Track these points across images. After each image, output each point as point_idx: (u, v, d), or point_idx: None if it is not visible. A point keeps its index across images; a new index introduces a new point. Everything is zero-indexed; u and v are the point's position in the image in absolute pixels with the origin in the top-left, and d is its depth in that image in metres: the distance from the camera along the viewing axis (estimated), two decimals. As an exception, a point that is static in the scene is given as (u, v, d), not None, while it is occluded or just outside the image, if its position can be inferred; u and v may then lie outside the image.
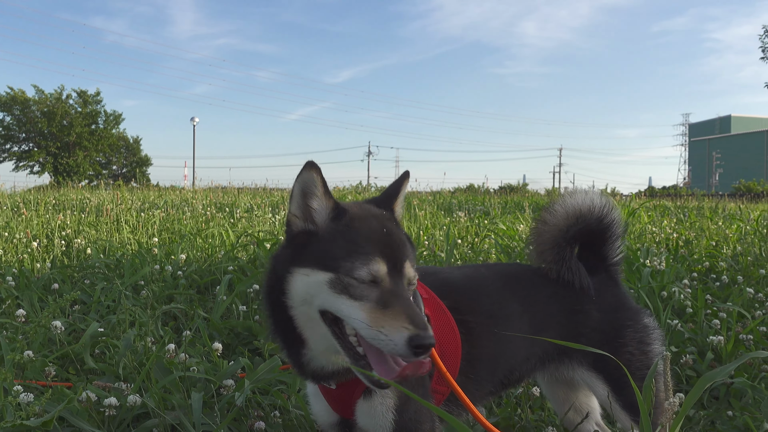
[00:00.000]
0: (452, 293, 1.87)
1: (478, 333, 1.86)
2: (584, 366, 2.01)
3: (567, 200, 2.10)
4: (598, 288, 2.07)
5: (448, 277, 2.00)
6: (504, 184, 52.09)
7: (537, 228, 2.14)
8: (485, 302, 1.94)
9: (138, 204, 11.80)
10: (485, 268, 2.20)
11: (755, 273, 5.35)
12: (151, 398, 2.30)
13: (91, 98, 53.19)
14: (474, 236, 8.03)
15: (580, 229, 2.08)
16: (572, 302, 2.04)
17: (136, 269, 4.74)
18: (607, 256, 2.14)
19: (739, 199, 27.38)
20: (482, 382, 1.90)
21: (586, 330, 2.01)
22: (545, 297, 2.04)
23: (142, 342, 2.84)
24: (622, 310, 2.07)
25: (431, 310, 1.79)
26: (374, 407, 1.67)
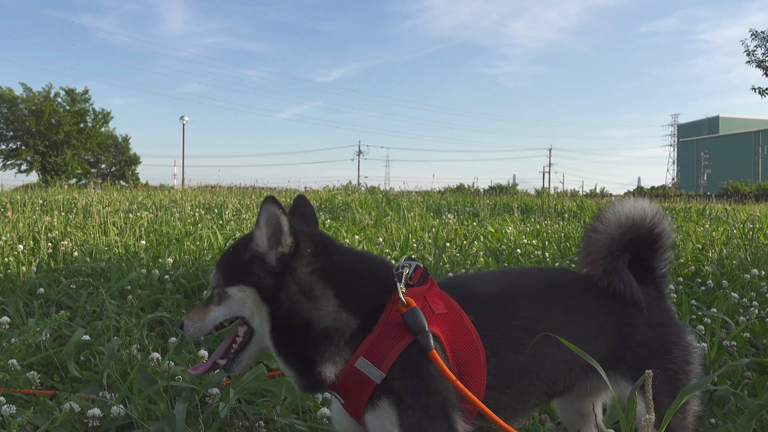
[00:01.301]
0: (480, 307, 1.83)
1: (510, 346, 1.81)
2: (626, 380, 1.93)
3: (618, 208, 2.05)
4: (646, 301, 2.01)
5: (480, 290, 1.93)
6: (494, 184, 52.20)
7: (588, 236, 2.09)
8: (521, 314, 1.87)
9: (126, 204, 11.74)
10: (529, 275, 2.17)
11: (740, 277, 5.38)
12: (135, 409, 2.29)
13: (79, 96, 52.88)
14: (463, 239, 8.05)
15: (632, 238, 2.02)
16: (620, 314, 1.96)
17: (122, 274, 4.71)
18: (656, 267, 2.08)
19: (726, 200, 27.59)
20: (522, 394, 1.86)
21: (633, 344, 1.95)
22: (592, 307, 1.98)
23: (127, 350, 2.83)
24: (669, 326, 2.01)
25: (447, 325, 1.75)
26: (380, 420, 1.68)
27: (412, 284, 1.79)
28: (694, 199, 24.22)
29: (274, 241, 1.72)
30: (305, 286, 1.72)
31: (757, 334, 3.81)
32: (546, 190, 43.54)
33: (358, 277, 1.79)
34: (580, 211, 12.83)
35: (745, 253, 6.54)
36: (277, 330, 1.73)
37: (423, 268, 1.84)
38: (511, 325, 1.84)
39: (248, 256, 1.75)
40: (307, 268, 1.73)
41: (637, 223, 2.03)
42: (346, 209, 12.42)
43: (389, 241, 7.68)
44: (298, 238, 1.73)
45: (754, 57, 30.66)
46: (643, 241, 2.04)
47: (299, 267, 1.72)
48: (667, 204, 18.02)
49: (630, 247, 2.02)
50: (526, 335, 1.82)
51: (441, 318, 1.75)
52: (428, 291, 1.80)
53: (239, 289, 1.76)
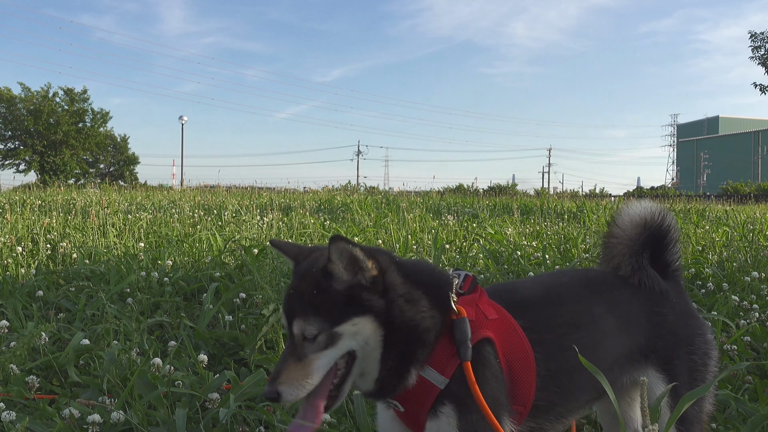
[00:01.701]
0: (528, 310, 1.91)
1: (558, 346, 1.88)
2: (655, 366, 2.03)
3: (630, 210, 2.18)
4: (671, 293, 2.13)
5: (525, 293, 2.03)
6: (493, 184, 52.23)
7: (609, 242, 2.20)
8: (565, 311, 1.97)
9: (125, 205, 11.72)
10: (566, 275, 2.29)
11: (740, 280, 5.38)
12: (135, 415, 2.28)
13: (77, 96, 52.82)
14: (462, 240, 8.04)
15: (647, 236, 2.15)
16: (651, 304, 2.07)
17: (122, 276, 4.70)
18: (669, 261, 2.20)
19: (726, 201, 27.58)
20: (573, 392, 1.93)
21: (663, 332, 2.05)
22: (627, 298, 2.08)
23: (127, 355, 2.82)
24: (693, 318, 2.13)
25: (499, 330, 1.82)
26: (441, 426, 1.73)
27: (462, 293, 1.86)
28: (694, 200, 24.22)
29: (352, 270, 1.71)
30: (406, 294, 1.76)
31: (758, 337, 3.80)
32: (545, 191, 43.56)
33: (430, 280, 1.85)
34: (580, 212, 12.83)
35: (745, 255, 6.54)
36: (389, 346, 1.73)
37: (472, 277, 1.90)
38: (558, 324, 1.93)
39: (343, 289, 1.70)
40: (399, 279, 1.77)
41: (649, 221, 2.15)
42: (345, 210, 12.41)
43: (389, 242, 7.67)
44: (375, 258, 1.74)
45: (757, 54, 30.67)
46: (655, 237, 2.16)
47: (394, 280, 1.75)
48: (668, 204, 18.02)
49: (647, 245, 2.13)
50: (571, 331, 1.92)
51: (493, 323, 1.83)
52: (479, 299, 1.87)
53: (351, 324, 1.70)
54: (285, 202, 14.56)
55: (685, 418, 1.93)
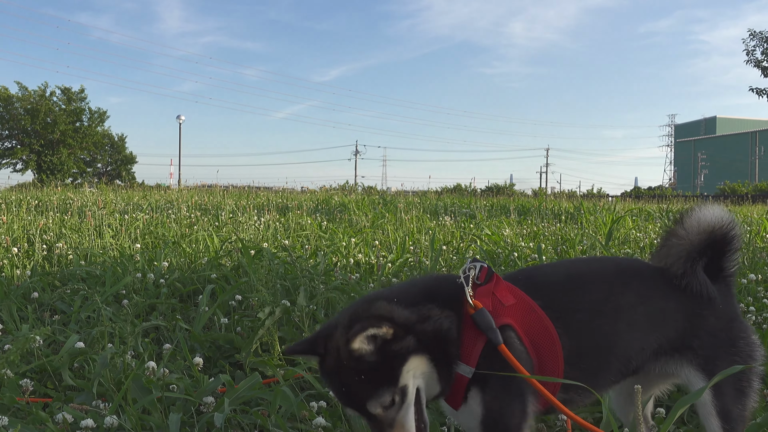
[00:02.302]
0: (547, 292, 1.98)
1: (580, 326, 1.95)
2: (693, 366, 2.04)
3: (699, 215, 2.16)
4: (716, 296, 2.12)
5: (545, 278, 2.11)
6: (491, 184, 52.27)
7: (669, 241, 2.19)
8: (589, 296, 2.02)
9: (122, 205, 11.70)
10: (598, 261, 2.42)
11: (738, 282, 5.37)
12: (129, 419, 2.27)
13: (75, 95, 52.78)
14: (459, 241, 8.03)
15: (710, 243, 2.13)
16: (691, 304, 2.07)
17: (117, 278, 4.68)
18: (725, 267, 2.19)
19: (723, 201, 27.60)
20: (598, 372, 1.99)
21: (702, 332, 2.05)
22: (663, 293, 2.08)
23: (121, 359, 2.80)
24: (736, 321, 2.12)
25: (517, 313, 1.90)
26: (470, 406, 1.87)
27: (479, 283, 1.94)
28: (691, 200, 24.24)
29: (374, 342, 1.79)
30: (420, 318, 1.85)
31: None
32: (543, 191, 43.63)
33: (435, 289, 1.98)
34: (577, 213, 12.83)
35: (742, 257, 6.54)
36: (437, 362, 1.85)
37: (488, 267, 1.98)
38: (579, 307, 1.98)
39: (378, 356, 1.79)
40: (407, 312, 1.85)
41: (717, 229, 2.13)
42: (343, 210, 12.40)
43: (386, 243, 7.66)
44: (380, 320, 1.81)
45: (752, 57, 30.67)
46: (718, 245, 2.14)
47: (404, 317, 1.84)
48: (665, 205, 18.02)
49: (707, 251, 2.12)
50: (594, 316, 1.98)
51: (511, 309, 1.91)
52: (496, 287, 1.94)
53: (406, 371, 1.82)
54: (282, 202, 14.54)
55: (728, 416, 1.96)
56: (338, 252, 6.59)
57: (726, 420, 1.96)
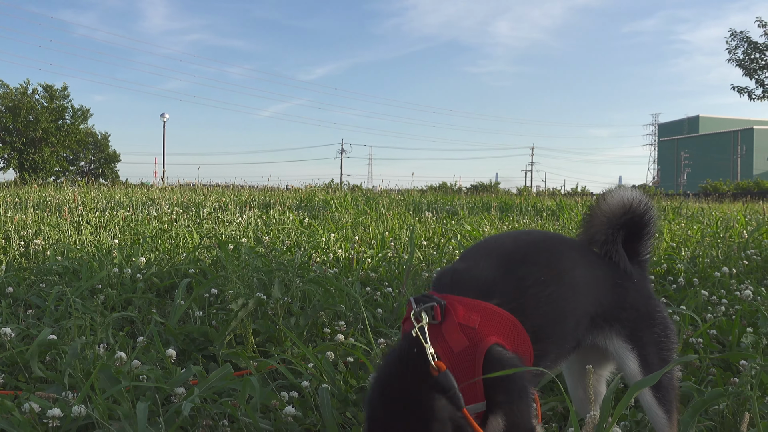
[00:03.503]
0: (495, 285, 1.90)
1: (535, 303, 1.91)
2: (621, 337, 2.07)
3: (620, 192, 2.24)
4: (639, 275, 2.19)
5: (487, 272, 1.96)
6: (476, 182, 52.40)
7: (591, 214, 2.26)
8: (532, 270, 1.96)
9: (103, 203, 11.63)
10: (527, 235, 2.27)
11: (711, 275, 5.45)
12: (96, 409, 2.27)
13: (57, 93, 52.22)
14: (440, 237, 8.07)
15: (627, 219, 2.20)
16: (615, 274, 2.12)
17: (94, 272, 4.67)
18: (640, 251, 2.25)
19: (704, 199, 27.89)
20: (559, 340, 1.98)
21: (626, 304, 2.09)
22: (592, 261, 2.12)
23: (92, 350, 2.80)
24: (652, 298, 2.19)
25: (492, 327, 1.81)
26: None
27: (436, 322, 1.81)
28: (672, 198, 24.47)
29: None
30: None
31: (724, 331, 3.86)
32: (528, 189, 43.84)
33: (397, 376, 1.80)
34: (559, 210, 12.92)
35: (716, 251, 6.63)
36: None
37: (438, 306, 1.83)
38: (527, 285, 1.93)
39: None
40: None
41: (635, 206, 2.19)
42: (325, 208, 12.40)
43: (366, 239, 7.68)
44: None
45: (734, 56, 31.03)
46: (635, 224, 2.21)
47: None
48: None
49: (625, 227, 2.19)
50: (541, 288, 1.94)
51: (484, 326, 1.80)
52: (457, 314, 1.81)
53: None
54: (265, 199, 14.52)
55: (660, 386, 2.01)
56: (318, 247, 6.60)
57: (658, 389, 2.02)
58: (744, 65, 30.85)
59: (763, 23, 30.12)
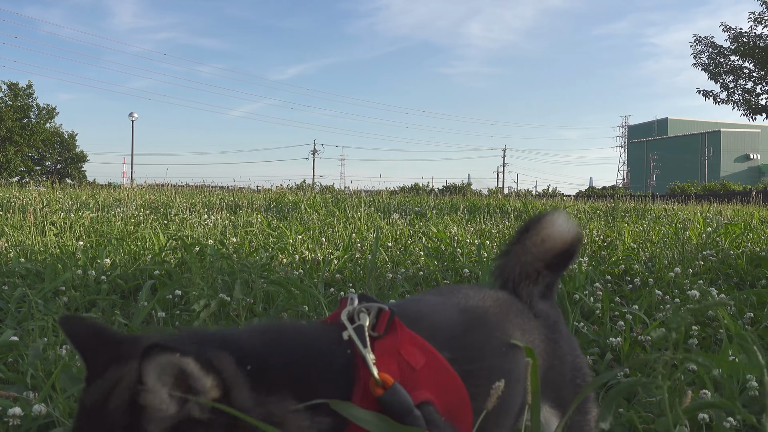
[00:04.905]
0: (452, 338, 1.52)
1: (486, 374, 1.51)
2: (548, 402, 1.75)
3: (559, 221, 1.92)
4: (556, 317, 1.92)
5: (444, 318, 1.61)
6: (449, 183, 52.72)
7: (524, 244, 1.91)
8: (487, 337, 1.63)
9: (68, 203, 11.52)
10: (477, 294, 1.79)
11: (666, 275, 5.63)
12: (57, 408, 2.32)
13: (22, 91, 51.39)
14: (408, 238, 8.18)
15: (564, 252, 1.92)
16: (547, 331, 1.82)
17: (57, 274, 4.68)
18: (554, 284, 1.99)
19: (669, 201, 28.43)
20: (502, 418, 1.56)
21: (556, 362, 1.80)
22: (531, 325, 1.79)
23: (54, 350, 2.84)
24: (573, 343, 1.95)
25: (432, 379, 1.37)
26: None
27: (376, 336, 1.35)
28: (640, 200, 24.92)
29: (179, 398, 1.08)
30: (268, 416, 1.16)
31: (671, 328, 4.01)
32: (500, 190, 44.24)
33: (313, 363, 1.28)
34: (526, 211, 13.13)
35: (672, 251, 6.84)
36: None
37: (389, 312, 1.39)
38: (483, 351, 1.58)
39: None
40: (254, 395, 1.15)
41: (574, 239, 1.93)
42: (295, 209, 12.44)
43: (333, 240, 7.76)
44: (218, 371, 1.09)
45: (699, 60, 31.70)
46: (566, 259, 1.96)
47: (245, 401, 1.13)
48: (611, 204, 18.53)
49: (555, 266, 1.92)
50: (495, 357, 1.59)
51: (424, 373, 1.37)
52: (401, 342, 1.37)
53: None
54: (233, 200, 14.51)
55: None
56: (285, 249, 6.66)
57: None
58: (709, 69, 31.53)
59: (728, 28, 30.85)
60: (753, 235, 8.81)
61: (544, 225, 1.90)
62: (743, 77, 30.94)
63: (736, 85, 31.17)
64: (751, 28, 30.05)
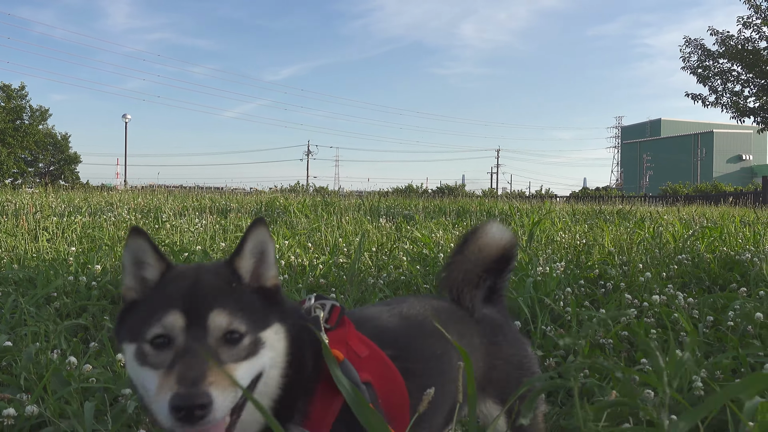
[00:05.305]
0: (394, 339, 1.79)
1: (425, 375, 1.78)
2: (492, 398, 1.99)
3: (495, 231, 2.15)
4: (501, 320, 2.14)
5: (388, 322, 1.88)
6: (443, 184, 52.86)
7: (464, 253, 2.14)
8: (427, 341, 1.86)
9: (61, 207, 11.68)
10: (419, 303, 2.05)
11: (636, 279, 5.84)
12: (48, 408, 2.52)
13: (15, 92, 51.32)
14: (393, 243, 8.36)
15: (501, 259, 2.14)
16: (489, 334, 2.05)
17: (49, 280, 4.85)
18: (500, 288, 2.22)
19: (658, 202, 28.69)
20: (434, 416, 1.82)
21: (500, 363, 2.03)
22: (470, 329, 2.02)
23: (45, 355, 3.03)
24: (519, 341, 2.16)
25: (374, 368, 1.65)
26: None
27: (329, 327, 1.66)
28: (630, 200, 25.14)
29: (257, 271, 1.56)
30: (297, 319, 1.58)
31: (634, 332, 4.22)
32: (494, 191, 44.41)
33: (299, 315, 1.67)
34: (512, 214, 13.34)
35: (643, 257, 7.04)
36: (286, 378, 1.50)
37: (340, 308, 1.71)
38: (423, 354, 1.83)
39: (253, 289, 1.52)
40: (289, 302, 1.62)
41: (509, 246, 2.14)
42: (284, 213, 12.62)
43: (320, 244, 7.94)
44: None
45: (689, 63, 31.99)
46: (503, 264, 2.17)
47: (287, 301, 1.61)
48: (599, 207, 18.74)
49: (493, 271, 2.14)
50: (433, 360, 1.84)
51: (367, 362, 1.64)
52: (348, 334, 1.68)
53: (274, 332, 1.47)
54: (224, 204, 14.68)
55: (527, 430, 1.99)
56: (272, 254, 6.83)
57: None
58: (698, 72, 31.82)
59: (715, 32, 31.15)
60: (730, 239, 9.02)
61: (479, 235, 2.15)
62: (731, 80, 31.29)
63: (725, 88, 31.51)
64: (740, 31, 30.41)
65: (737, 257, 7.03)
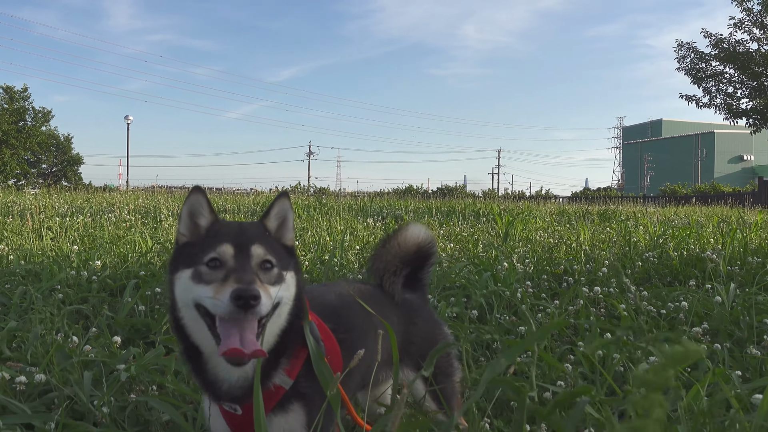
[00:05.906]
0: (333, 315, 2.17)
1: (355, 346, 2.07)
2: (410, 368, 2.42)
3: (413, 230, 2.60)
4: (419, 303, 2.58)
5: (327, 299, 2.28)
6: (443, 185, 53.12)
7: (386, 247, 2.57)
8: (358, 318, 2.24)
9: (64, 208, 12.16)
10: (349, 285, 2.46)
11: (596, 274, 6.29)
12: (53, 377, 2.99)
13: (17, 94, 51.78)
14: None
15: (418, 254, 2.56)
16: (408, 315, 2.48)
17: (53, 275, 5.33)
18: (422, 278, 2.66)
19: (654, 202, 29.09)
20: (354, 388, 2.23)
21: (417, 339, 2.46)
22: (392, 309, 2.43)
23: (50, 335, 3.51)
24: (435, 323, 2.60)
25: (322, 335, 2.02)
26: (290, 423, 1.91)
27: None
28: (629, 201, 25.48)
29: (279, 232, 1.99)
30: (300, 283, 1.97)
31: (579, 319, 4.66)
32: (495, 192, 44.73)
33: None
34: (498, 215, 13.80)
35: (607, 253, 7.49)
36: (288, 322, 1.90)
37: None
38: (354, 328, 2.22)
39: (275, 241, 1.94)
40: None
41: (425, 244, 2.60)
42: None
43: (307, 243, 8.40)
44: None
45: (683, 65, 32.40)
46: (422, 258, 2.63)
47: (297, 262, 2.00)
48: (582, 207, 19.13)
49: (411, 263, 2.57)
50: (362, 334, 2.22)
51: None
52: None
53: (291, 275, 1.90)
54: (222, 204, 15.15)
55: (444, 393, 2.40)
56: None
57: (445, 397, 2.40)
58: (691, 74, 32.24)
59: (708, 34, 31.58)
60: (702, 239, 9.45)
61: (400, 233, 2.63)
62: (724, 82, 31.72)
63: (718, 90, 31.94)
64: (731, 33, 30.83)
65: (702, 255, 7.45)
